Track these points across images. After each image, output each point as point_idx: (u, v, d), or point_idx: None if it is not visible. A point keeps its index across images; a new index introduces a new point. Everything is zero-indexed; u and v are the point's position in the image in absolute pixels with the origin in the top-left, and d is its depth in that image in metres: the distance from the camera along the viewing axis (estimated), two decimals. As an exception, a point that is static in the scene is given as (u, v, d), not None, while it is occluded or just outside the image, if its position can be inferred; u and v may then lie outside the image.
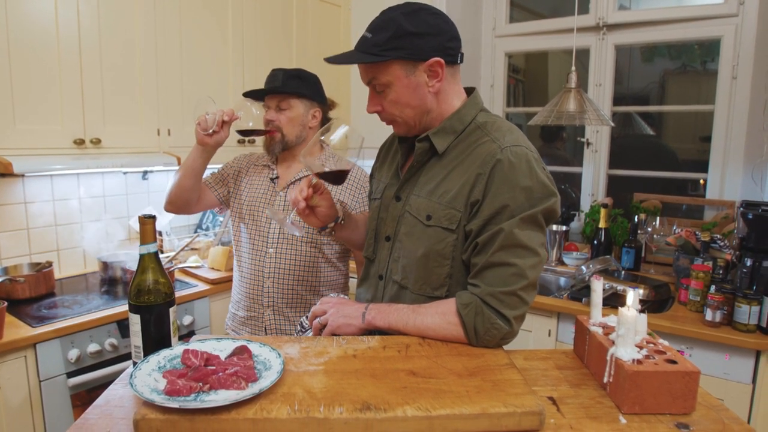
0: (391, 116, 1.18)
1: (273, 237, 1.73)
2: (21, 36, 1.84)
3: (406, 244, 1.19)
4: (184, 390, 0.84)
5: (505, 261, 1.07)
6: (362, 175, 1.78)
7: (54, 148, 1.94)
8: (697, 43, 2.77)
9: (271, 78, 1.73)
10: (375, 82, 1.14)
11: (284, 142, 1.72)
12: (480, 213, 1.09)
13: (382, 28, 1.11)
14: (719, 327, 1.85)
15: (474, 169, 1.10)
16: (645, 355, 0.96)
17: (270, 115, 1.71)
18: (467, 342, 1.09)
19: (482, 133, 1.15)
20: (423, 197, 1.17)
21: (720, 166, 2.62)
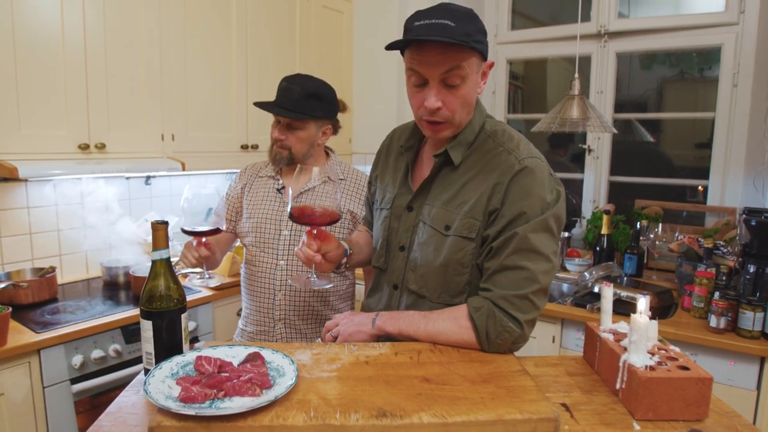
0: (450, 115, 1.09)
1: (283, 248, 1.70)
2: (27, 41, 1.84)
3: (423, 253, 1.18)
4: (199, 397, 0.84)
5: (517, 265, 1.07)
6: (363, 179, 1.77)
7: (58, 153, 1.94)
8: (695, 51, 2.79)
9: (285, 93, 1.65)
10: (454, 72, 1.05)
11: (291, 158, 1.69)
12: (498, 220, 1.10)
13: (464, 19, 1.04)
14: (723, 333, 1.86)
15: (492, 179, 1.11)
16: (657, 361, 0.96)
17: (279, 132, 1.67)
18: (479, 346, 1.09)
19: (495, 143, 1.15)
20: (439, 207, 1.17)
21: (721, 173, 2.63)
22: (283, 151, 1.68)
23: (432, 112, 1.09)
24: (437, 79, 1.06)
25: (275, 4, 2.74)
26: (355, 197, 1.74)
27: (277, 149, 1.69)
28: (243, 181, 1.81)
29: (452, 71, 1.05)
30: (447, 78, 1.05)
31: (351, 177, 1.77)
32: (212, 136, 2.49)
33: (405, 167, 1.27)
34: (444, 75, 1.05)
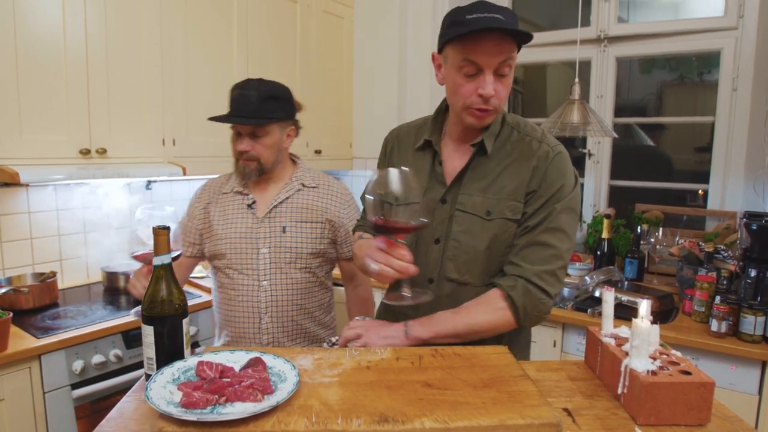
0: (498, 103, 1.17)
1: (265, 267, 1.60)
2: (29, 47, 1.85)
3: (464, 241, 1.23)
4: (200, 402, 0.84)
5: (547, 242, 1.18)
6: (336, 186, 1.71)
7: (60, 157, 1.94)
8: (694, 56, 2.80)
9: (242, 101, 1.54)
10: (507, 62, 1.13)
11: (261, 169, 1.59)
12: (536, 199, 1.20)
13: (509, 13, 1.11)
14: (725, 338, 1.86)
15: (530, 165, 1.21)
16: (659, 366, 0.96)
17: (244, 144, 1.55)
18: (516, 324, 1.17)
19: (521, 133, 1.26)
20: (476, 195, 1.23)
21: (721, 177, 2.64)
22: (251, 163, 1.57)
23: (486, 100, 1.15)
24: (493, 68, 1.13)
25: (276, 9, 2.75)
26: (333, 205, 1.66)
27: (245, 162, 1.58)
28: (205, 200, 1.68)
29: (506, 61, 1.13)
30: (500, 68, 1.13)
31: (324, 184, 1.69)
32: (213, 140, 2.50)
33: (430, 162, 1.30)
34: (499, 65, 1.12)
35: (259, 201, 1.64)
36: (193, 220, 1.67)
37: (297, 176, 1.66)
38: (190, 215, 1.69)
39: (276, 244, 1.60)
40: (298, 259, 1.61)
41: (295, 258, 1.61)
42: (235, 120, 1.54)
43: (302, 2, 2.88)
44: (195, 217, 1.67)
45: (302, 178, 1.66)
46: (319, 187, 1.67)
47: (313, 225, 1.63)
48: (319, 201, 1.65)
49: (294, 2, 2.84)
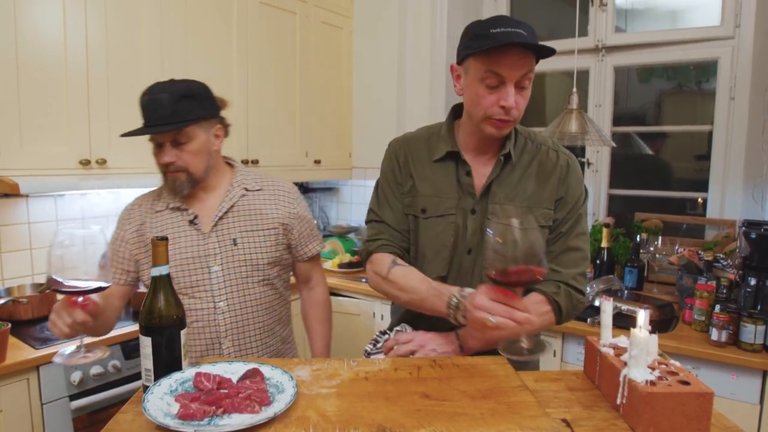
0: (518, 115, 1.22)
1: (219, 287, 1.45)
2: (30, 58, 1.86)
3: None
4: (197, 414, 0.84)
5: (578, 246, 1.29)
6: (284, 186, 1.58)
7: (60, 168, 1.95)
8: (692, 65, 2.81)
9: (153, 106, 1.34)
10: (528, 75, 1.18)
11: (192, 180, 1.42)
12: (563, 206, 1.30)
13: (528, 28, 1.16)
14: (725, 347, 1.85)
15: (555, 174, 1.30)
16: (658, 376, 0.96)
17: (167, 156, 1.37)
18: (556, 324, 1.27)
19: (535, 143, 1.33)
20: (506, 204, 1.28)
21: (720, 186, 2.64)
22: (180, 174, 1.40)
23: (507, 111, 1.19)
24: (515, 81, 1.17)
25: (275, 20, 2.77)
26: (282, 207, 1.54)
27: (172, 175, 1.40)
28: (136, 221, 1.49)
29: (527, 74, 1.18)
30: (521, 80, 1.18)
31: (268, 185, 1.55)
32: (213, 151, 2.50)
33: (455, 173, 1.31)
34: (521, 77, 1.17)
35: (201, 214, 1.47)
36: (125, 245, 1.47)
37: (237, 181, 1.51)
38: (120, 239, 1.48)
39: (228, 259, 1.45)
40: (255, 272, 1.48)
41: (251, 271, 1.47)
42: (150, 130, 1.35)
43: (301, 13, 2.90)
44: (127, 241, 1.47)
45: (243, 182, 1.52)
46: (264, 189, 1.54)
47: (266, 232, 1.50)
48: (267, 204, 1.52)
49: (293, 13, 2.86)
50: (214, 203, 1.49)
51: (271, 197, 1.53)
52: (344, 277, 2.86)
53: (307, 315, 1.70)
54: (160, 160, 1.40)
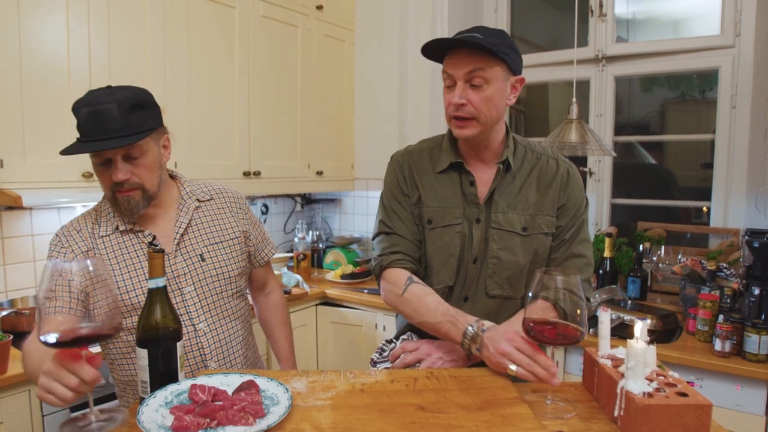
0: (475, 113, 1.23)
1: (195, 308, 1.35)
2: (33, 72, 1.89)
3: (505, 257, 1.31)
4: (191, 426, 0.84)
5: (581, 253, 1.33)
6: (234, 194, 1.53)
7: (63, 181, 1.96)
8: (695, 73, 2.81)
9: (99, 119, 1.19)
10: (478, 73, 1.21)
11: (148, 198, 1.30)
12: (566, 213, 1.33)
13: (493, 34, 1.22)
14: (729, 357, 1.83)
15: (556, 182, 1.33)
16: (656, 388, 0.95)
17: (120, 173, 1.23)
18: None
19: (534, 152, 1.37)
20: (509, 213, 1.32)
21: (723, 194, 2.63)
22: (135, 192, 1.26)
23: (457, 107, 1.23)
24: (463, 79, 1.22)
25: (277, 33, 2.79)
26: (237, 215, 1.49)
27: (125, 195, 1.26)
28: (80, 249, 1.32)
29: (475, 71, 1.21)
30: (471, 78, 1.21)
31: (217, 194, 1.49)
32: (214, 163, 2.52)
33: (459, 184, 1.35)
34: (468, 75, 1.21)
35: (159, 234, 1.35)
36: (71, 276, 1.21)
37: (187, 192, 1.43)
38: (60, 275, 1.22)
39: (199, 276, 1.36)
40: (228, 286, 1.41)
41: (224, 285, 1.40)
42: (100, 145, 1.19)
43: (303, 26, 2.93)
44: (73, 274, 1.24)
45: (193, 193, 1.44)
46: (215, 198, 1.48)
47: (230, 242, 1.44)
48: (223, 214, 1.46)
49: (295, 26, 2.89)
50: (170, 220, 1.38)
51: (225, 206, 1.48)
52: (347, 288, 2.85)
53: (267, 320, 1.66)
54: (109, 179, 1.25)
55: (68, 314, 0.95)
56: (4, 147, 1.82)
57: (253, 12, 2.65)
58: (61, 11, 1.95)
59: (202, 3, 2.43)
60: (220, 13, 2.51)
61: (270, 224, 3.35)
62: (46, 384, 0.87)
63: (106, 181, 1.27)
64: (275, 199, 3.37)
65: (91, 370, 0.87)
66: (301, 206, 3.53)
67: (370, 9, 3.20)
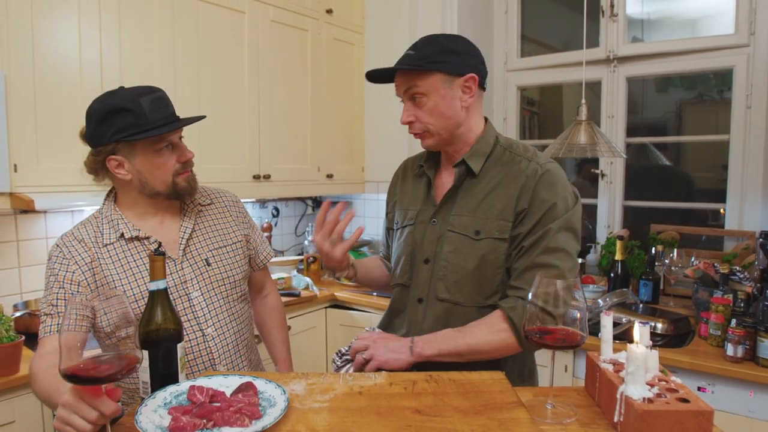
0: (424, 126, 1.25)
1: (203, 312, 1.36)
2: (46, 79, 1.93)
3: (453, 261, 1.26)
4: (187, 427, 0.85)
5: (547, 263, 1.18)
6: (232, 197, 1.56)
7: (74, 185, 2.00)
8: (712, 73, 2.76)
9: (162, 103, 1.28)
10: (413, 91, 1.23)
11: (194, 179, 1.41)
12: (528, 219, 1.21)
13: (425, 45, 1.24)
14: (742, 362, 1.79)
15: (518, 183, 1.23)
16: (656, 393, 0.94)
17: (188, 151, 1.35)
18: (518, 347, 1.18)
19: (513, 154, 1.29)
20: (466, 216, 1.26)
21: (738, 196, 2.58)
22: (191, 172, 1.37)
23: (409, 127, 1.28)
24: (405, 97, 1.27)
25: (287, 38, 2.82)
26: (237, 218, 1.51)
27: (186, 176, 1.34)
28: (85, 259, 1.30)
29: (410, 89, 1.24)
30: (411, 96, 1.25)
31: (216, 198, 1.51)
32: (224, 167, 2.55)
33: (425, 186, 1.36)
34: (407, 93, 1.25)
35: (164, 240, 1.36)
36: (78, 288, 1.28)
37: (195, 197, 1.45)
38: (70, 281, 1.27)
39: (206, 282, 1.37)
40: (233, 289, 1.43)
41: (230, 289, 1.42)
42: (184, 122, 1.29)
43: (313, 30, 2.95)
44: (78, 283, 1.28)
45: (195, 198, 1.45)
46: (214, 203, 1.49)
47: (233, 246, 1.45)
48: (224, 218, 1.48)
49: (305, 31, 2.91)
50: (173, 225, 1.38)
51: (225, 209, 1.50)
52: (356, 290, 2.86)
53: (264, 322, 1.67)
54: (175, 162, 1.30)
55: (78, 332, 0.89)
56: (17, 152, 1.87)
57: (262, 17, 2.68)
58: (73, 18, 1.99)
59: (211, 8, 2.46)
60: (229, 18, 2.54)
61: (281, 227, 3.37)
62: (65, 417, 0.86)
63: (169, 167, 1.30)
64: (286, 202, 3.39)
65: (111, 403, 0.86)
66: (312, 209, 3.55)
67: (380, 13, 3.21)
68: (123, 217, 1.35)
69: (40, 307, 1.30)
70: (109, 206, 1.38)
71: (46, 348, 1.23)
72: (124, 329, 0.91)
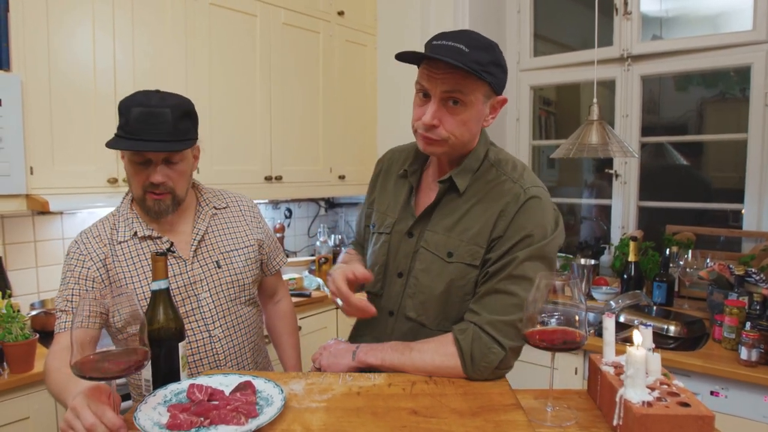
0: (447, 134, 1.11)
1: (211, 314, 1.38)
2: (61, 83, 1.97)
3: (423, 280, 1.19)
4: (184, 424, 0.86)
5: (508, 290, 1.10)
6: (247, 202, 1.56)
7: (89, 186, 2.04)
8: (732, 70, 2.70)
9: (152, 120, 1.23)
10: (456, 96, 1.08)
11: (177, 203, 1.34)
12: (500, 245, 1.12)
13: (482, 48, 1.07)
14: (756, 366, 1.75)
15: (497, 207, 1.14)
16: (656, 397, 0.92)
17: (159, 175, 1.27)
18: (463, 372, 1.10)
19: (498, 172, 1.19)
20: (441, 234, 1.18)
21: (756, 197, 2.52)
22: (166, 197, 1.30)
23: (428, 128, 1.11)
24: (438, 97, 1.09)
25: (299, 40, 2.84)
26: (251, 223, 1.51)
27: (157, 198, 1.29)
28: (99, 256, 1.34)
29: (453, 92, 1.08)
30: (448, 98, 1.09)
31: (232, 202, 1.52)
32: (236, 168, 2.58)
33: (407, 192, 1.27)
34: (445, 94, 1.08)
35: (176, 240, 1.38)
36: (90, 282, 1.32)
37: (205, 200, 1.47)
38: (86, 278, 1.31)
39: (215, 283, 1.39)
40: (242, 292, 1.44)
41: (238, 292, 1.43)
42: (152, 146, 1.23)
43: (325, 33, 2.97)
44: (93, 279, 1.32)
45: (210, 201, 1.47)
46: (230, 207, 1.51)
47: (245, 250, 1.46)
48: (238, 222, 1.49)
49: (317, 33, 2.92)
50: (186, 227, 1.40)
51: (240, 214, 1.50)
52: (367, 291, 2.86)
53: (275, 328, 1.67)
54: (144, 179, 1.28)
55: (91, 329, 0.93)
56: (33, 155, 1.91)
57: (274, 20, 2.70)
58: (87, 23, 2.03)
59: (224, 12, 2.49)
60: (241, 21, 2.57)
61: (294, 228, 3.40)
62: (70, 420, 0.89)
63: (139, 181, 1.29)
64: (299, 203, 3.41)
65: (113, 416, 0.87)
66: (325, 210, 3.56)
67: (392, 14, 3.21)
68: (138, 216, 1.37)
69: (56, 303, 1.34)
70: (126, 204, 1.41)
71: (60, 344, 1.27)
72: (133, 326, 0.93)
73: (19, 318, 1.70)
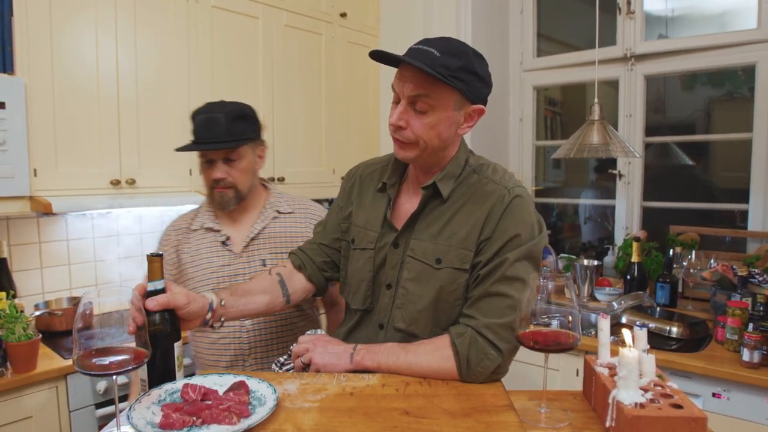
0: (414, 137, 1.12)
1: None
2: (64, 86, 2.00)
3: (412, 289, 1.18)
4: (177, 424, 0.87)
5: (502, 292, 1.10)
6: (315, 209, 1.63)
7: (92, 188, 2.07)
8: (740, 69, 2.68)
9: (209, 125, 1.44)
10: (422, 99, 1.08)
11: (239, 196, 1.50)
12: (489, 247, 1.12)
13: (453, 54, 1.07)
14: (758, 368, 1.74)
15: (484, 210, 1.14)
16: (649, 398, 0.92)
17: (219, 172, 1.46)
18: (459, 376, 1.09)
19: (481, 176, 1.19)
20: (427, 241, 1.17)
21: (762, 196, 2.50)
22: (228, 191, 1.48)
23: (395, 129, 1.13)
24: (406, 100, 1.10)
25: (301, 42, 2.85)
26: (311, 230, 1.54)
27: (221, 191, 1.48)
28: (173, 242, 1.57)
29: (420, 97, 1.08)
30: (415, 102, 1.10)
31: (300, 208, 1.61)
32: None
33: (386, 205, 1.25)
34: (411, 97, 1.09)
35: (234, 235, 1.54)
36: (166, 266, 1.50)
37: (271, 203, 1.58)
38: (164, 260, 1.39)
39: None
40: None
41: None
42: (207, 147, 1.44)
43: (327, 34, 2.98)
44: (166, 261, 1.51)
45: (276, 205, 1.58)
46: (295, 213, 1.60)
47: None
48: (297, 228, 1.56)
49: (319, 35, 2.93)
50: (247, 224, 1.55)
51: (302, 221, 1.58)
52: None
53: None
54: (210, 176, 1.49)
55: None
56: (37, 157, 1.94)
57: (276, 22, 2.72)
58: (90, 27, 2.05)
59: (226, 15, 2.51)
60: (243, 24, 2.58)
61: (297, 229, 3.41)
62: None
63: (207, 177, 1.50)
64: (302, 204, 3.42)
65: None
66: (328, 211, 3.57)
67: (395, 15, 3.22)
68: (211, 209, 1.57)
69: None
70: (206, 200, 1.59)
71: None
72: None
73: (22, 318, 1.72)
